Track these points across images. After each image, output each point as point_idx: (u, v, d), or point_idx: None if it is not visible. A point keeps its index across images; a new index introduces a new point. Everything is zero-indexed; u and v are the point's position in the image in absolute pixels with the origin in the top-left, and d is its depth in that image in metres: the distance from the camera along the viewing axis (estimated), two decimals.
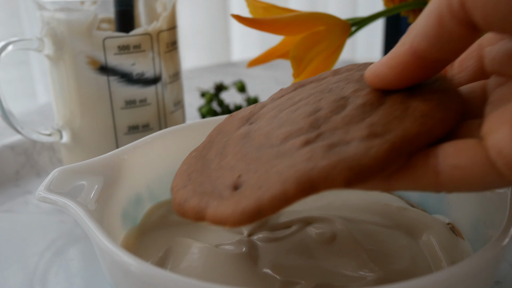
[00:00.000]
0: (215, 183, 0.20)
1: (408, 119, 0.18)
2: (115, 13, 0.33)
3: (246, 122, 0.24)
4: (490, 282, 0.20)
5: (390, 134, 0.18)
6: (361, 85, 0.21)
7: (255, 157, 0.20)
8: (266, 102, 0.25)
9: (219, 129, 0.26)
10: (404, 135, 0.18)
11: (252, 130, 0.22)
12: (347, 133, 0.19)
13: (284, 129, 0.20)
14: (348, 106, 0.20)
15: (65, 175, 0.24)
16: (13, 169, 0.41)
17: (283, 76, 0.70)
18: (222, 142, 0.23)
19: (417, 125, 0.18)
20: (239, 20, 0.32)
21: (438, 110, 0.19)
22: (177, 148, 0.29)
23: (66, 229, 0.33)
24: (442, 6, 0.17)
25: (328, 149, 0.18)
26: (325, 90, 0.22)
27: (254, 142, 0.21)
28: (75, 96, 0.35)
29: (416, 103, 0.19)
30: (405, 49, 0.19)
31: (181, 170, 0.23)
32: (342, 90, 0.22)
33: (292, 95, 0.24)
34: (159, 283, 0.17)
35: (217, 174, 0.21)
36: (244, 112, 0.25)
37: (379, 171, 0.17)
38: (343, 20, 0.34)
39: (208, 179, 0.21)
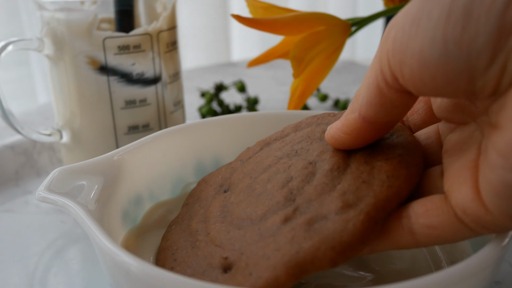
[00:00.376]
0: (203, 263, 0.21)
1: (376, 183, 0.19)
2: (115, 13, 0.33)
3: (220, 188, 0.25)
4: (490, 282, 0.20)
5: (362, 202, 0.19)
6: (324, 145, 0.23)
7: (239, 235, 0.21)
8: (235, 165, 0.27)
9: (195, 195, 0.27)
10: (375, 203, 0.19)
11: (229, 202, 0.23)
12: (321, 205, 0.20)
13: (261, 204, 0.21)
14: (316, 173, 0.21)
15: (65, 175, 0.24)
16: (13, 169, 0.41)
17: (283, 76, 0.70)
18: (201, 213, 0.24)
19: (385, 189, 0.19)
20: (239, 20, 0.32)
21: (402, 168, 0.20)
22: (177, 148, 0.29)
23: (66, 229, 0.33)
24: (379, 79, 0.18)
25: (308, 227, 0.19)
26: (292, 153, 0.24)
27: (234, 218, 0.22)
28: (75, 96, 0.35)
29: (379, 163, 0.20)
30: (355, 117, 0.20)
31: (165, 246, 0.24)
32: (308, 152, 0.23)
33: (260, 159, 0.25)
34: (159, 283, 0.17)
35: (203, 253, 0.21)
36: (216, 177, 0.27)
37: (360, 246, 0.18)
38: (343, 20, 0.34)
39: (195, 260, 0.21)
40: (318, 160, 0.22)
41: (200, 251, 0.22)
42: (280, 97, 0.61)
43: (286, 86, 0.64)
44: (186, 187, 0.30)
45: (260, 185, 0.23)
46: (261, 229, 0.20)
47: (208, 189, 0.26)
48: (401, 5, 0.37)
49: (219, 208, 0.23)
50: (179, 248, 0.23)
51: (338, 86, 0.64)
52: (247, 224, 0.21)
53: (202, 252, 0.21)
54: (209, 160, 0.31)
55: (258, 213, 0.21)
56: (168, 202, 0.29)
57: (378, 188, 0.19)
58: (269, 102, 0.59)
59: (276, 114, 0.32)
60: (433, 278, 0.17)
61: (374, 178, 0.20)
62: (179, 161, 0.30)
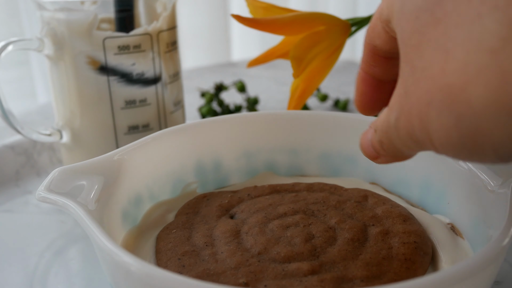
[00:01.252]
0: (218, 280, 0.21)
1: (395, 263, 0.22)
2: (115, 13, 0.33)
3: (226, 212, 0.27)
4: (490, 282, 0.20)
5: (385, 276, 0.21)
6: (340, 214, 0.26)
7: (260, 267, 0.22)
8: (242, 196, 0.28)
9: (195, 209, 0.28)
10: (396, 279, 0.21)
11: (242, 230, 0.25)
12: (346, 269, 0.22)
13: (283, 248, 0.23)
14: (338, 239, 0.24)
15: (65, 175, 0.24)
16: (13, 169, 0.41)
17: (283, 76, 0.70)
18: (205, 228, 0.25)
19: (404, 270, 0.22)
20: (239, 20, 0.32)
21: (417, 254, 0.23)
22: (177, 148, 0.29)
23: (66, 229, 0.33)
24: (375, 22, 0.21)
25: (337, 285, 0.21)
26: (308, 212, 0.26)
27: (250, 247, 0.23)
28: (75, 96, 0.35)
29: (397, 245, 0.23)
30: (359, 72, 0.23)
31: (166, 248, 0.24)
32: (325, 217, 0.26)
33: (273, 202, 0.27)
34: (159, 283, 0.17)
35: (215, 268, 0.22)
36: (220, 199, 0.28)
37: None
38: (343, 20, 0.34)
39: (207, 273, 0.22)
40: (338, 227, 0.25)
41: (212, 265, 0.22)
42: (280, 97, 0.61)
43: (286, 86, 0.64)
44: (186, 187, 0.30)
45: (278, 229, 0.25)
46: (285, 270, 0.22)
47: (212, 208, 0.27)
48: None
49: (230, 232, 0.25)
50: (186, 255, 0.23)
51: (338, 86, 0.64)
52: (268, 260, 0.22)
53: (215, 267, 0.22)
54: (209, 160, 0.31)
55: (281, 255, 0.23)
56: (168, 202, 0.29)
57: (397, 267, 0.22)
58: (269, 102, 0.59)
59: (276, 114, 0.32)
60: (433, 278, 0.17)
61: (393, 258, 0.22)
62: (179, 161, 0.30)
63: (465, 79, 0.14)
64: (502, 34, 0.14)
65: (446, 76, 0.15)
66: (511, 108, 0.14)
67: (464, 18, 0.15)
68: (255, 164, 0.32)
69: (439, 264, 0.23)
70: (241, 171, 0.32)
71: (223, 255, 0.23)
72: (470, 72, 0.14)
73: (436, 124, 0.16)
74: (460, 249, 0.24)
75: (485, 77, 0.14)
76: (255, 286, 0.21)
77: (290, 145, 0.32)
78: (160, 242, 0.25)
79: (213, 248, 0.23)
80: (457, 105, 0.15)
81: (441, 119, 0.15)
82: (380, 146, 0.20)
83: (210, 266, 0.22)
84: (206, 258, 0.23)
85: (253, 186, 0.29)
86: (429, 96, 0.16)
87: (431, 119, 0.16)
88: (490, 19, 0.14)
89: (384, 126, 0.19)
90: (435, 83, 0.15)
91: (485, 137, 0.15)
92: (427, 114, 0.16)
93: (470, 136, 0.15)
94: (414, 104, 0.16)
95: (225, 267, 0.22)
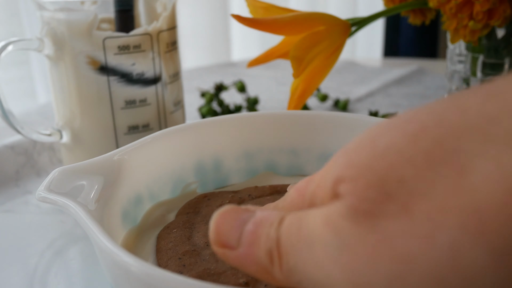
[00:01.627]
0: (219, 280, 0.21)
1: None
2: (115, 13, 0.33)
3: None
4: None
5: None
6: None
7: None
8: (243, 197, 0.28)
9: (195, 208, 0.27)
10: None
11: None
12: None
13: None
14: None
15: (65, 175, 0.24)
16: (13, 169, 0.41)
17: (283, 76, 0.70)
18: (206, 228, 0.25)
19: None
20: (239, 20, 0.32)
21: None
22: (177, 148, 0.29)
23: (66, 229, 0.33)
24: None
25: None
26: None
27: None
28: (75, 96, 0.35)
29: None
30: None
31: (167, 247, 0.24)
32: None
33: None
34: (159, 283, 0.17)
35: (216, 268, 0.22)
36: (221, 199, 0.28)
37: None
38: (343, 20, 0.34)
39: (207, 273, 0.22)
40: None
41: (213, 266, 0.22)
42: (280, 97, 0.61)
43: (286, 86, 0.64)
44: (186, 187, 0.30)
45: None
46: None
47: (213, 208, 0.27)
48: (401, 5, 0.37)
49: None
50: (186, 254, 0.23)
51: (338, 86, 0.64)
52: None
53: (215, 267, 0.22)
54: (209, 160, 0.31)
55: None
56: (168, 202, 0.29)
57: None
58: (269, 102, 0.59)
59: (276, 114, 0.32)
60: None
61: None
62: (179, 161, 0.30)
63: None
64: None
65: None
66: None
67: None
68: (255, 164, 0.32)
69: None
70: (241, 171, 0.32)
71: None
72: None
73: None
74: None
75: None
76: (255, 286, 0.21)
77: (290, 145, 0.32)
78: (161, 241, 0.25)
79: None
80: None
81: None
82: (266, 255, 0.16)
83: (211, 266, 0.22)
84: (206, 258, 0.23)
85: (254, 187, 0.29)
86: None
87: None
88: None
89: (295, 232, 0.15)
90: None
91: None
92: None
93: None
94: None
95: (226, 267, 0.22)
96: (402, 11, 0.39)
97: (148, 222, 0.27)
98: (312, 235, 0.14)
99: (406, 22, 0.43)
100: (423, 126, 0.13)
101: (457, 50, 0.40)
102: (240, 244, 0.16)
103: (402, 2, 0.38)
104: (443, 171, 0.12)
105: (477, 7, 0.32)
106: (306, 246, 0.15)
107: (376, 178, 0.13)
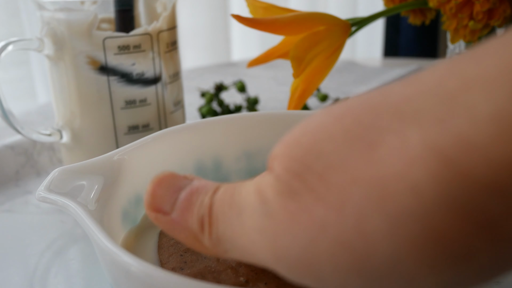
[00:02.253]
0: (219, 278, 0.21)
1: None
2: (115, 13, 0.33)
3: None
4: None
5: None
6: None
7: (261, 267, 0.21)
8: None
9: None
10: None
11: None
12: None
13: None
14: None
15: (65, 175, 0.24)
16: (13, 169, 0.41)
17: (283, 76, 0.70)
18: None
19: None
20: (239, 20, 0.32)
21: None
22: (177, 148, 0.29)
23: (66, 229, 0.33)
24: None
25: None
26: None
27: None
28: (75, 96, 0.35)
29: None
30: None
31: (169, 244, 0.24)
32: None
33: None
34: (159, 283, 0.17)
35: (216, 265, 0.22)
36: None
37: None
38: (343, 20, 0.34)
39: (208, 270, 0.22)
40: None
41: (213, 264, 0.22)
42: (280, 97, 0.61)
43: (286, 86, 0.64)
44: None
45: None
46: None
47: None
48: (401, 5, 0.37)
49: None
50: (188, 252, 0.23)
51: (338, 86, 0.64)
52: None
53: (216, 265, 0.22)
54: (209, 160, 0.31)
55: None
56: None
57: None
58: (269, 102, 0.59)
59: (276, 114, 0.32)
60: None
61: None
62: (179, 161, 0.30)
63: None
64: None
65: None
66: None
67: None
68: (255, 164, 0.32)
69: None
70: (241, 171, 0.32)
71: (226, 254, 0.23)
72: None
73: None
74: None
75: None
76: (255, 284, 0.21)
77: None
78: (163, 238, 0.25)
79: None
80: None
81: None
82: (197, 221, 0.16)
83: (212, 264, 0.22)
84: (208, 256, 0.23)
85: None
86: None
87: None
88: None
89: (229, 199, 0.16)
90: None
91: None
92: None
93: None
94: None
95: (226, 265, 0.22)
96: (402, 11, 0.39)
97: (148, 221, 0.27)
98: (243, 203, 0.15)
99: (406, 22, 0.43)
100: (350, 107, 0.14)
101: (457, 50, 0.40)
102: (174, 209, 0.17)
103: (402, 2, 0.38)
104: (357, 145, 0.13)
105: (477, 7, 0.32)
106: (235, 213, 0.15)
107: (300, 152, 0.14)
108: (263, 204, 0.14)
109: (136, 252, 0.25)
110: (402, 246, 0.12)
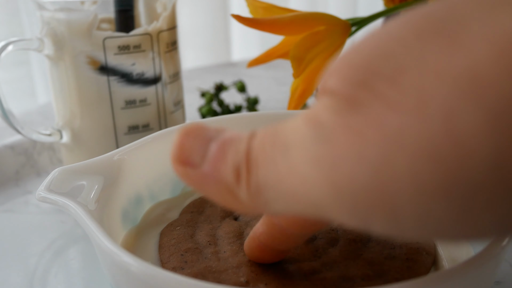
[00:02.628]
0: (220, 278, 0.22)
1: (398, 262, 0.22)
2: (115, 13, 0.33)
3: (230, 214, 0.27)
4: (490, 282, 0.20)
5: (386, 275, 0.21)
6: None
7: (261, 268, 0.22)
8: None
9: (199, 208, 0.28)
10: (396, 278, 0.21)
11: (245, 232, 0.25)
12: (347, 268, 0.22)
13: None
14: (340, 240, 0.24)
15: (65, 175, 0.24)
16: (13, 169, 0.41)
17: (283, 76, 0.70)
18: (209, 228, 0.25)
19: (405, 268, 0.22)
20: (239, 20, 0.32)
21: (420, 254, 0.23)
22: None
23: (66, 229, 0.33)
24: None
25: (337, 283, 0.21)
26: None
27: None
28: (75, 96, 0.35)
29: (399, 245, 0.23)
30: (258, 244, 0.21)
31: (170, 244, 0.24)
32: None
33: None
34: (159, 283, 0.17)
35: (217, 266, 0.22)
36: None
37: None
38: (343, 20, 0.34)
39: (208, 270, 0.22)
40: (340, 229, 0.25)
41: (214, 263, 0.22)
42: (280, 97, 0.61)
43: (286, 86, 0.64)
44: (186, 187, 0.30)
45: None
46: (286, 270, 0.22)
47: (217, 209, 0.27)
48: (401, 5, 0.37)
49: (233, 233, 0.25)
50: (188, 251, 0.23)
51: None
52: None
53: (216, 264, 0.22)
54: None
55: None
56: (167, 201, 0.29)
57: (399, 266, 0.22)
58: (269, 102, 0.59)
59: (276, 114, 0.32)
60: (433, 277, 0.17)
61: (395, 258, 0.22)
62: None
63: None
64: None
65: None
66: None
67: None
68: None
69: (440, 263, 0.23)
70: None
71: (225, 254, 0.23)
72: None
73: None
74: (460, 248, 0.24)
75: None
76: (255, 285, 0.21)
77: None
78: (164, 237, 0.25)
79: (216, 247, 0.24)
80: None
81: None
82: (232, 171, 0.14)
83: (212, 264, 0.22)
84: (208, 256, 0.23)
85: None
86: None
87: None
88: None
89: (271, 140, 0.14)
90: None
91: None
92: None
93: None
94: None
95: (227, 266, 0.22)
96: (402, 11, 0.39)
97: (148, 221, 0.27)
98: (290, 137, 0.13)
99: None
100: (415, 12, 0.12)
101: None
102: (204, 161, 0.14)
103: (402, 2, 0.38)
104: (434, 40, 0.11)
105: None
106: (280, 151, 0.13)
107: (365, 59, 0.12)
108: (317, 129, 0.12)
109: (136, 252, 0.25)
110: (506, 144, 0.10)
